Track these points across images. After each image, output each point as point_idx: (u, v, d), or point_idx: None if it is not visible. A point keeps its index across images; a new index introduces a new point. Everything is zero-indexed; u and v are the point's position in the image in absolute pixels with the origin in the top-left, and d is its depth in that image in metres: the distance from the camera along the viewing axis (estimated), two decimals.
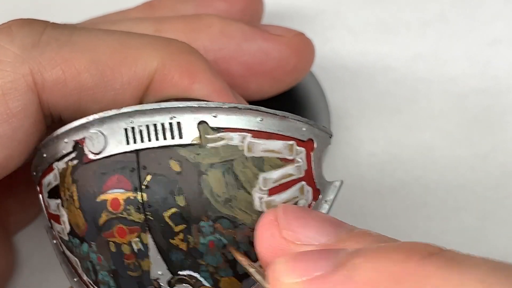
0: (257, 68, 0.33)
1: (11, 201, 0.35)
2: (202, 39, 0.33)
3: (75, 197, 0.29)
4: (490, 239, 0.38)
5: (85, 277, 0.30)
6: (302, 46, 0.35)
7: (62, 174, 0.29)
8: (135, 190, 0.28)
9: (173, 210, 0.28)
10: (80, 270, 0.30)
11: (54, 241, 0.31)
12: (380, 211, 0.38)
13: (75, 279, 0.30)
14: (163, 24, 0.33)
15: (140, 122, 0.28)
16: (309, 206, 0.29)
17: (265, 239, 0.27)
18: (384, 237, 0.26)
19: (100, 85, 0.29)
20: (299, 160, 0.29)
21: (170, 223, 0.28)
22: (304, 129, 0.29)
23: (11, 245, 0.36)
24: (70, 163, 0.29)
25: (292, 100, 0.38)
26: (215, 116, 0.28)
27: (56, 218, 0.30)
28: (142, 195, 0.28)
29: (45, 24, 0.30)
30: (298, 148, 0.29)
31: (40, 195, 0.31)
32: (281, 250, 0.26)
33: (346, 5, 0.42)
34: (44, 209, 0.31)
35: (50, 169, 0.30)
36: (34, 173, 0.31)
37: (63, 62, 0.29)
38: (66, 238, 0.30)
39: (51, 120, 0.30)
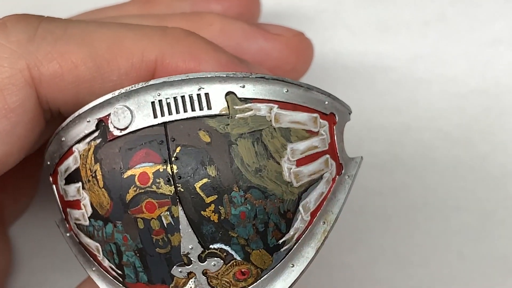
0: None
1: (4, 195, 0.35)
2: None
3: (99, 177, 0.28)
4: (490, 239, 0.38)
5: (106, 263, 0.30)
6: (302, 46, 0.35)
7: (83, 155, 0.29)
8: (165, 162, 0.28)
9: (204, 180, 0.27)
10: (100, 257, 0.30)
11: (68, 234, 0.31)
12: (380, 211, 0.38)
13: (93, 268, 0.30)
14: (164, 22, 0.33)
15: (167, 94, 0.28)
16: (334, 180, 0.29)
17: None
18: None
19: (97, 77, 0.29)
20: (323, 133, 0.29)
21: (202, 194, 0.28)
22: (326, 102, 0.29)
23: (8, 241, 0.36)
24: (92, 143, 0.29)
25: None
26: (242, 87, 0.28)
27: (75, 204, 0.30)
28: (172, 167, 0.28)
29: (40, 19, 0.30)
30: (321, 121, 0.29)
31: (54, 186, 0.31)
32: None
33: (346, 5, 0.42)
34: (58, 200, 0.31)
35: (69, 153, 0.29)
36: (49, 162, 0.31)
37: (60, 56, 0.29)
38: (87, 222, 0.29)
39: (50, 115, 0.30)
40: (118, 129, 0.28)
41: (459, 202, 0.38)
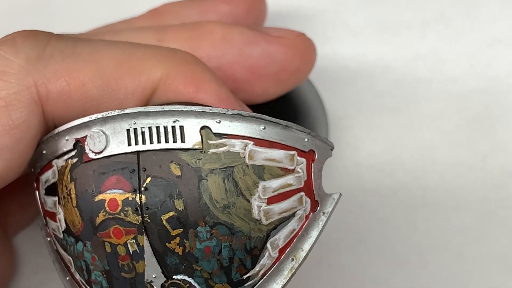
0: (262, 71, 0.34)
1: (9, 202, 0.35)
2: (204, 46, 0.33)
3: (73, 195, 0.29)
4: (490, 239, 0.38)
5: (77, 276, 0.30)
6: (305, 47, 0.35)
7: (61, 171, 0.29)
8: (134, 191, 0.28)
9: (171, 213, 0.28)
10: (73, 269, 0.30)
11: (48, 239, 0.31)
12: (380, 211, 0.38)
13: (67, 278, 0.31)
14: (165, 33, 0.33)
15: (143, 123, 0.28)
16: (307, 217, 0.29)
17: None
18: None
19: (104, 96, 0.29)
20: (299, 170, 0.29)
21: (167, 226, 0.28)
22: (306, 140, 0.29)
23: (11, 246, 0.36)
24: (69, 161, 0.29)
25: (289, 106, 0.38)
26: (218, 122, 0.28)
27: (52, 216, 0.30)
28: (140, 197, 0.28)
29: (49, 36, 0.30)
30: (299, 158, 0.29)
31: (37, 192, 0.31)
32: None
33: (346, 5, 0.42)
34: (39, 206, 0.31)
35: (49, 166, 0.30)
36: (32, 169, 0.31)
37: (68, 74, 0.29)
38: (61, 236, 0.30)
39: None
40: (93, 152, 0.28)
41: (458, 202, 0.38)
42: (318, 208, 0.29)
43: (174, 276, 0.28)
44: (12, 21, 0.43)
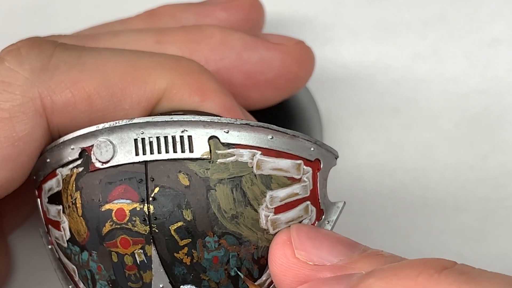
0: (259, 77, 0.34)
1: (4, 202, 0.35)
2: (203, 50, 0.33)
3: (78, 205, 0.29)
4: (490, 239, 0.38)
5: (81, 285, 0.30)
6: (303, 54, 0.35)
7: (66, 180, 0.29)
8: (142, 201, 0.28)
9: (179, 223, 0.28)
10: (76, 278, 0.30)
11: (50, 247, 0.31)
12: (380, 211, 0.38)
13: (70, 286, 0.30)
14: (164, 36, 0.33)
15: (150, 133, 0.28)
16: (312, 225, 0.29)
17: (278, 259, 0.27)
18: (397, 257, 0.26)
19: (110, 106, 0.29)
20: (306, 179, 0.29)
21: (176, 236, 0.28)
22: (312, 149, 0.29)
23: (7, 245, 0.36)
24: (75, 170, 0.29)
25: (283, 110, 0.38)
26: (226, 132, 0.28)
27: (55, 224, 0.30)
28: (148, 207, 0.28)
29: (54, 46, 0.30)
30: (305, 167, 0.29)
31: (39, 200, 0.31)
32: (294, 270, 0.27)
33: (346, 5, 0.42)
34: (41, 214, 0.31)
35: (53, 174, 0.30)
36: (34, 177, 0.31)
37: (73, 85, 0.29)
38: (65, 245, 0.30)
39: None
40: (99, 161, 0.28)
41: (458, 202, 0.38)
42: (323, 217, 0.30)
43: (181, 286, 0.28)
44: (12, 21, 0.43)
